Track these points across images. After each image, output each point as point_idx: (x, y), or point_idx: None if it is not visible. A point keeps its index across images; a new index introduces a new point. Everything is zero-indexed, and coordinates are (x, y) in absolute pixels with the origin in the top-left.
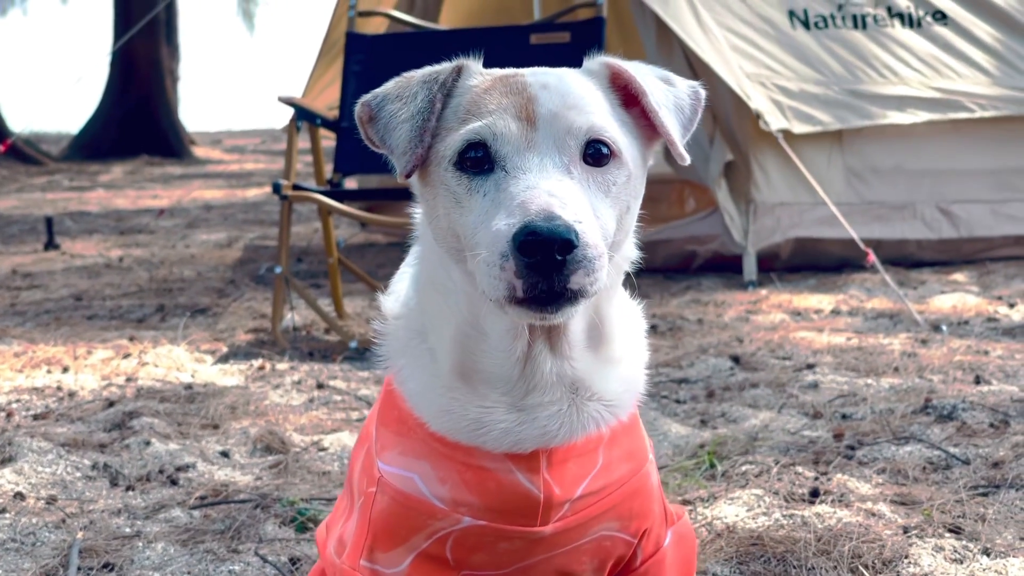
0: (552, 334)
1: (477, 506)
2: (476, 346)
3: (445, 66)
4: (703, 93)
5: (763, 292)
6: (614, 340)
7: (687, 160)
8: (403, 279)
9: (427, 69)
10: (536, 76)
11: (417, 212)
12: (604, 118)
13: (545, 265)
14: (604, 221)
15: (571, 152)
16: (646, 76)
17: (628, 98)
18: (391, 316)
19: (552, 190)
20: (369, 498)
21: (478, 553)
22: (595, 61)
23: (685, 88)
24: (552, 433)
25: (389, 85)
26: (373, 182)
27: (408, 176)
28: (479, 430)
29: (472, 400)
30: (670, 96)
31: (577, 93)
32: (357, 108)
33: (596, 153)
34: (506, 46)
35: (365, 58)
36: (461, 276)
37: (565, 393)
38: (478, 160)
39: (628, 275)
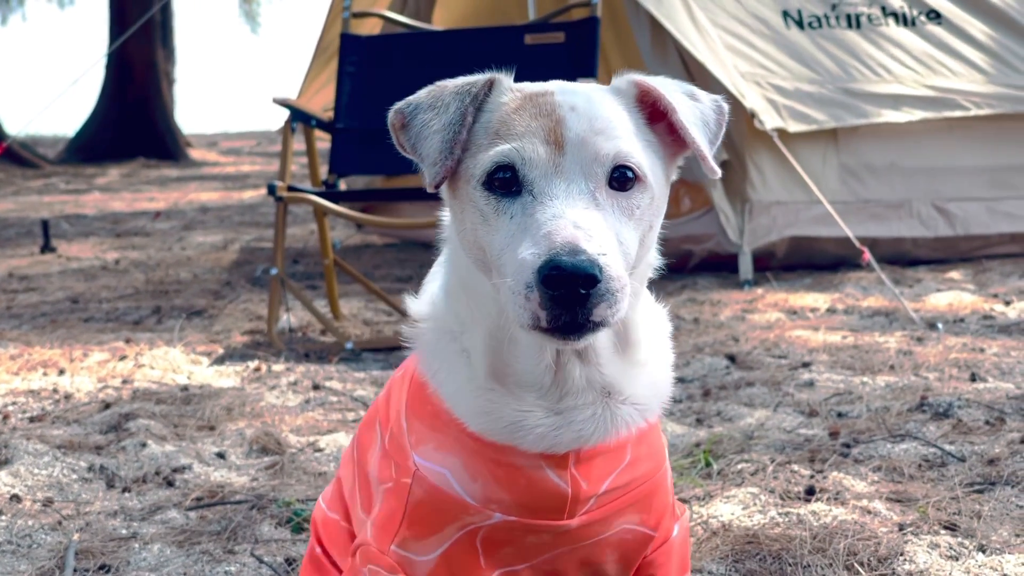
0: None
1: (508, 502)
2: (508, 350)
3: (478, 79)
4: (726, 107)
5: (759, 291)
6: (640, 344)
7: (718, 174)
8: (434, 279)
9: (460, 80)
10: (565, 96)
11: (445, 215)
12: (630, 143)
13: (569, 298)
14: (627, 246)
15: (597, 178)
16: (673, 93)
17: (654, 114)
18: (420, 318)
19: (578, 221)
20: (404, 488)
21: (507, 546)
22: (623, 79)
23: (709, 103)
24: (586, 436)
25: (422, 93)
26: (361, 183)
27: (437, 187)
28: (517, 432)
29: (509, 402)
30: (696, 111)
31: (605, 116)
32: (391, 115)
33: (622, 177)
34: (500, 46)
35: (359, 59)
36: (488, 282)
37: (598, 396)
38: (506, 181)
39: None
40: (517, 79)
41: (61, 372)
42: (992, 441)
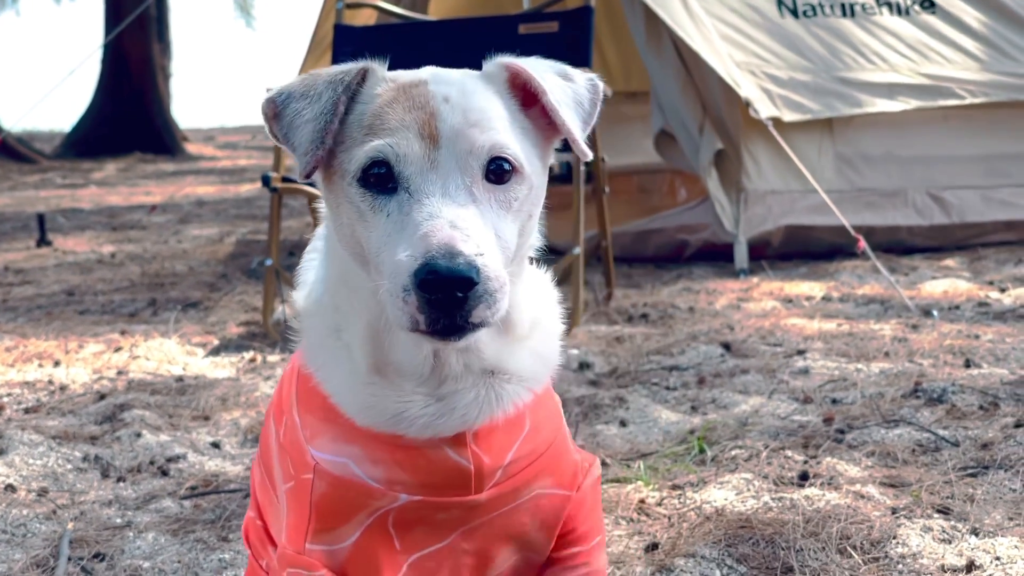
0: None
1: (411, 483)
2: (386, 341)
3: (350, 67)
4: (601, 85)
5: (754, 280)
6: (522, 321)
7: (589, 156)
8: (309, 269)
9: (333, 68)
10: (438, 86)
11: (322, 207)
12: (506, 133)
13: (446, 302)
14: (506, 239)
15: (473, 172)
16: (544, 74)
17: (527, 97)
18: (304, 313)
19: (455, 220)
20: (306, 484)
21: (419, 526)
22: (493, 63)
23: (583, 82)
24: (471, 419)
25: (295, 82)
26: None
27: (307, 177)
28: (400, 424)
29: (390, 394)
30: (569, 92)
31: (479, 107)
32: (263, 103)
33: (498, 170)
34: (495, 36)
35: (354, 50)
36: (365, 276)
37: (479, 378)
38: (382, 177)
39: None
40: None
41: (56, 363)
42: (986, 426)
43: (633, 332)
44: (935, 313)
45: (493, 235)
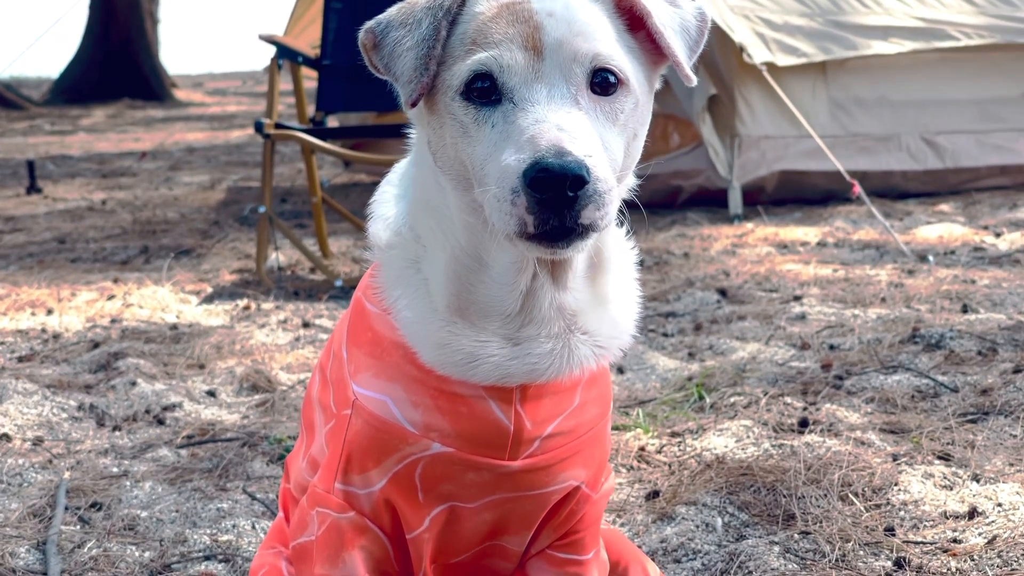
0: (556, 265)
1: (447, 432)
2: (474, 277)
3: None
4: (709, 15)
5: (749, 225)
6: (609, 272)
7: (693, 81)
8: (385, 202)
9: None
10: (543, 2)
11: (414, 134)
12: (610, 45)
13: (556, 201)
14: (613, 152)
15: (578, 81)
16: None
17: (633, 21)
18: (384, 246)
19: (561, 123)
20: (344, 420)
21: (445, 483)
22: None
23: (691, 9)
24: (540, 371)
25: (392, 11)
26: (355, 120)
27: (414, 105)
28: (471, 363)
29: (468, 334)
30: (676, 17)
31: (583, 20)
32: (361, 34)
33: (603, 82)
34: None
35: None
36: (462, 205)
37: (562, 328)
38: (485, 90)
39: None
40: None
41: (49, 312)
42: (984, 371)
43: None
44: (931, 259)
45: (600, 142)
